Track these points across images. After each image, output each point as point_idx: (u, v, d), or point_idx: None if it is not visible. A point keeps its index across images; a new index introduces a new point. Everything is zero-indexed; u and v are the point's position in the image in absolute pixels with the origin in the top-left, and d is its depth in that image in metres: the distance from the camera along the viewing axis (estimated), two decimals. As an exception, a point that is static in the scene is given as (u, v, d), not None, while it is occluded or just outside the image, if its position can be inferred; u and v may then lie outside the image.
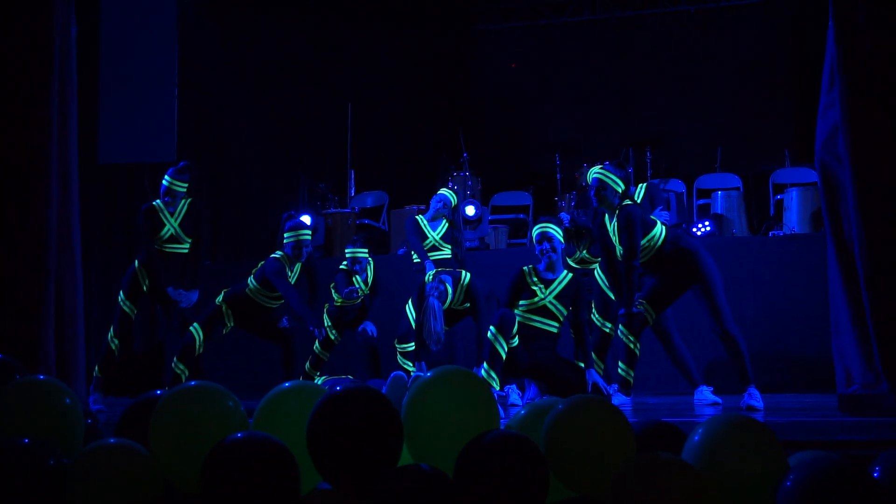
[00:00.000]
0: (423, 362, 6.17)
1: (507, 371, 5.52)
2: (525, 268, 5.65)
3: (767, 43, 10.44)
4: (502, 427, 2.67)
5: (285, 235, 6.30)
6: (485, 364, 5.38)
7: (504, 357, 5.38)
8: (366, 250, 6.74)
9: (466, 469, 2.47)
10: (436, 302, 5.95)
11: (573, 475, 2.51)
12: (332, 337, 6.70)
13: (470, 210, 8.44)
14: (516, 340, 5.48)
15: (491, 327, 5.43)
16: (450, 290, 6.10)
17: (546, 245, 5.62)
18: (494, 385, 5.30)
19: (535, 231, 5.74)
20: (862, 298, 4.21)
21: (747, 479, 2.42)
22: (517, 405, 5.38)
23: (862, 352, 4.35)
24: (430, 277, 6.20)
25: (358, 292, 6.59)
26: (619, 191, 5.49)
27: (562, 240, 5.69)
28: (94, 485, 2.52)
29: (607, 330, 5.91)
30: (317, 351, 6.69)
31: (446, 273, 6.22)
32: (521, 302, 5.58)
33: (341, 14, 10.77)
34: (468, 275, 6.23)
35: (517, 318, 5.50)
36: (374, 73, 10.91)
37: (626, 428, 2.54)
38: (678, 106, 10.43)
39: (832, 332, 4.52)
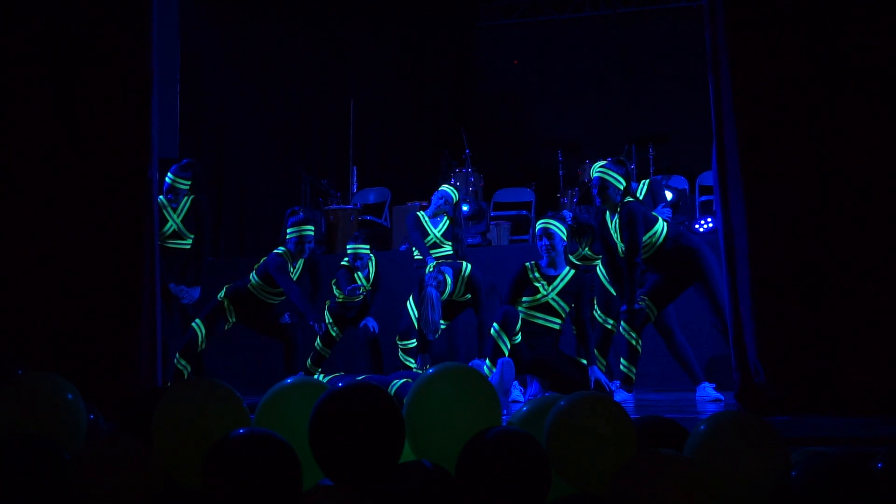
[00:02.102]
0: (427, 355, 6.18)
1: None
2: (527, 264, 5.65)
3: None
4: (504, 424, 2.67)
5: (288, 231, 6.31)
6: (487, 361, 5.38)
7: (506, 353, 5.38)
8: (367, 246, 6.74)
9: (468, 466, 2.47)
10: (434, 291, 5.97)
11: (575, 472, 2.51)
12: (334, 333, 6.70)
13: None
14: (519, 337, 5.48)
15: (494, 324, 5.43)
16: (449, 281, 6.11)
17: (546, 241, 5.62)
18: None
19: (538, 226, 5.75)
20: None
21: (749, 475, 2.42)
22: (519, 402, 5.38)
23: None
24: (431, 268, 6.22)
25: (360, 290, 6.59)
26: (621, 188, 5.49)
27: (564, 237, 5.69)
28: (95, 479, 2.52)
29: (609, 326, 5.91)
30: (318, 347, 6.69)
31: (447, 265, 6.23)
32: (523, 298, 5.58)
33: (343, 11, 10.76)
34: (469, 266, 6.25)
35: (520, 315, 5.50)
36: (376, 70, 10.90)
37: (628, 424, 2.54)
38: (680, 102, 10.40)
39: (730, 335, 4.43)
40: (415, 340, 6.35)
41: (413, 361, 6.36)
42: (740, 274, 4.27)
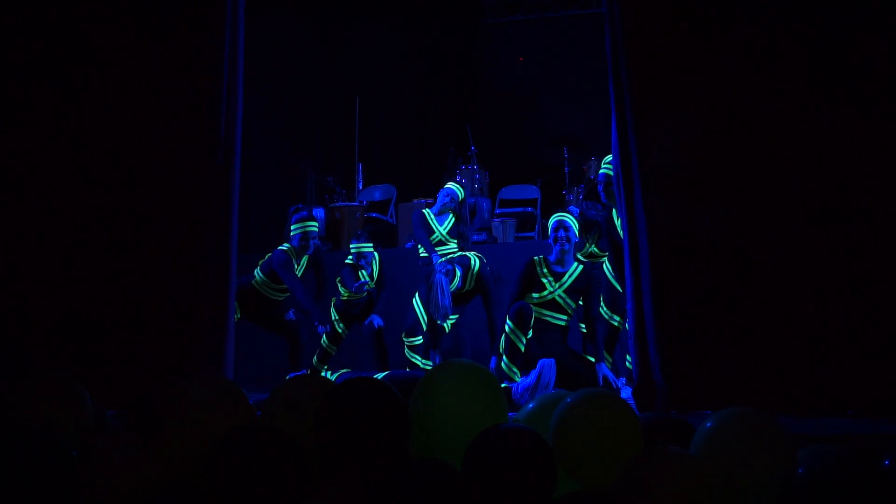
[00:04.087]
0: (439, 351, 6.20)
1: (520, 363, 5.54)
2: (535, 258, 5.64)
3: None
4: (510, 420, 2.67)
5: (292, 227, 6.31)
6: (504, 358, 5.38)
7: (523, 350, 5.37)
8: (370, 244, 6.74)
9: (474, 462, 2.47)
10: (443, 278, 6.00)
11: (581, 468, 2.51)
12: (340, 330, 6.70)
13: None
14: (530, 332, 5.48)
15: (508, 321, 5.41)
16: (458, 273, 6.14)
17: (562, 233, 5.60)
18: (515, 378, 5.32)
19: (553, 219, 5.72)
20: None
21: (756, 472, 2.42)
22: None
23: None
24: (441, 259, 6.26)
25: (366, 286, 6.60)
26: (627, 184, 5.50)
27: (577, 232, 5.69)
28: (101, 475, 2.53)
29: (616, 323, 5.90)
30: (324, 345, 6.69)
31: (456, 261, 6.26)
32: (531, 295, 5.57)
33: (349, 8, 10.76)
34: (478, 261, 6.26)
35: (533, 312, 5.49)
36: (382, 67, 10.89)
37: (634, 421, 2.54)
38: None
39: (631, 333, 4.60)
40: (421, 338, 6.36)
41: (419, 358, 6.37)
42: (643, 274, 4.39)
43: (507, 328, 5.40)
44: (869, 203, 4.10)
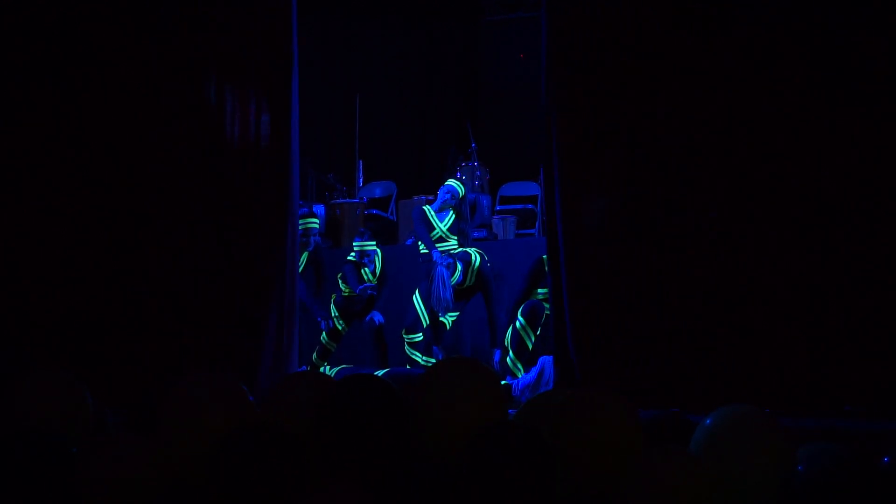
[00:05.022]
0: (441, 347, 6.21)
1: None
2: (544, 256, 5.65)
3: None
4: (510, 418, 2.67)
5: (292, 225, 6.30)
6: (511, 353, 5.39)
7: (531, 348, 5.38)
8: (373, 243, 6.75)
9: (474, 461, 2.47)
10: (444, 270, 6.00)
11: (581, 466, 2.51)
12: (340, 327, 6.70)
13: None
14: (539, 331, 5.50)
15: (520, 318, 5.41)
16: (459, 268, 6.15)
17: None
18: (518, 374, 5.33)
19: None
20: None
21: (756, 470, 2.42)
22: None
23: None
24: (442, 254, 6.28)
25: (370, 289, 6.60)
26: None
27: None
28: (101, 473, 2.53)
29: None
30: (324, 341, 6.69)
31: (457, 256, 6.27)
32: (538, 290, 5.58)
33: (349, 8, 10.75)
34: (478, 257, 6.26)
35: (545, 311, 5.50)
36: (383, 64, 10.88)
37: (635, 419, 2.54)
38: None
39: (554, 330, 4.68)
40: (421, 334, 6.36)
41: (419, 355, 6.37)
42: (562, 272, 4.49)
43: (517, 324, 5.40)
44: (868, 203, 4.08)
